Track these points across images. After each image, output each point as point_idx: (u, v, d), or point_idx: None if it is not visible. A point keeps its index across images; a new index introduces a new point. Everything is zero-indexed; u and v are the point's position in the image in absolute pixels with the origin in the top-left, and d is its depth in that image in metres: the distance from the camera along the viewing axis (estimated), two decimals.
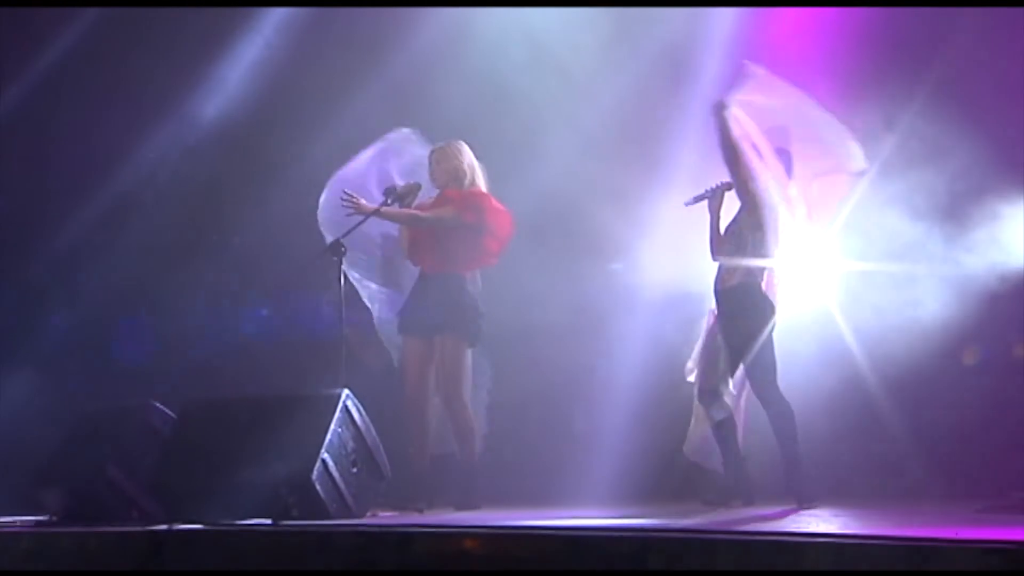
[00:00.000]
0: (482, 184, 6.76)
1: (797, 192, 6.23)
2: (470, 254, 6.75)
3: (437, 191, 6.80)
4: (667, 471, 7.11)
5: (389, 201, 6.66)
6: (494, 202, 6.76)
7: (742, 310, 6.12)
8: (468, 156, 6.77)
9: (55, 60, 8.19)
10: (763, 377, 6.05)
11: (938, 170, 6.85)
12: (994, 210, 6.74)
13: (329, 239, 6.53)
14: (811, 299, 6.88)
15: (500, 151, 7.32)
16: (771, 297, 6.18)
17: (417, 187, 6.76)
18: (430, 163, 6.77)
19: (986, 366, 6.85)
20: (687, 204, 6.42)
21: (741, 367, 6.16)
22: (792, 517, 5.39)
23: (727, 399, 6.24)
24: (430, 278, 6.73)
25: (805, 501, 5.88)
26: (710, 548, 3.98)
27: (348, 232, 6.62)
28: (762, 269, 6.16)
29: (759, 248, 6.16)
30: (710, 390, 6.21)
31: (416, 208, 6.75)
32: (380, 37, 7.99)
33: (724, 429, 6.21)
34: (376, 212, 6.60)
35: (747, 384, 6.21)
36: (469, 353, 6.70)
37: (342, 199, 6.56)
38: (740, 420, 6.34)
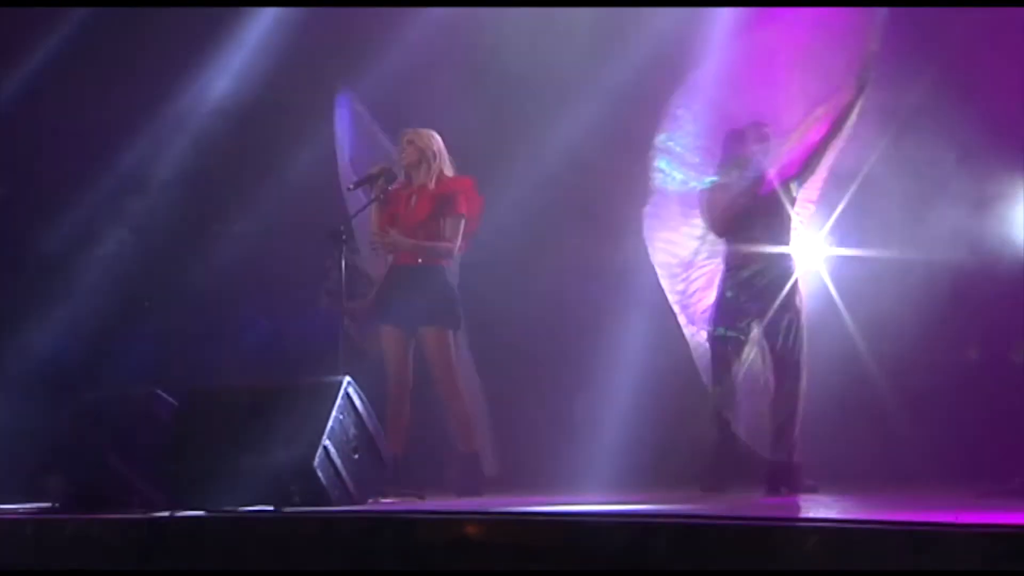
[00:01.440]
0: (450, 170, 6.75)
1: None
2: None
3: (402, 173, 6.77)
4: (668, 458, 7.13)
5: (372, 189, 6.65)
6: (476, 191, 6.77)
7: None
8: (438, 142, 6.75)
9: (51, 51, 8.17)
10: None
11: (939, 160, 6.84)
12: (998, 201, 6.73)
13: None
14: (811, 287, 6.88)
15: (502, 145, 7.33)
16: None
17: (388, 169, 6.74)
18: (400, 144, 6.76)
19: (988, 352, 6.86)
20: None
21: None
22: (793, 502, 5.40)
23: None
24: (408, 269, 6.70)
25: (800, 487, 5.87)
26: (710, 533, 3.99)
27: (350, 219, 6.66)
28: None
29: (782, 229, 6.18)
30: None
31: (389, 192, 6.72)
32: (380, 28, 7.97)
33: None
34: (394, 243, 6.62)
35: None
36: (452, 338, 6.70)
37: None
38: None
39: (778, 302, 6.18)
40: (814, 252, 6.82)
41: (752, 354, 6.30)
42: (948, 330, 6.93)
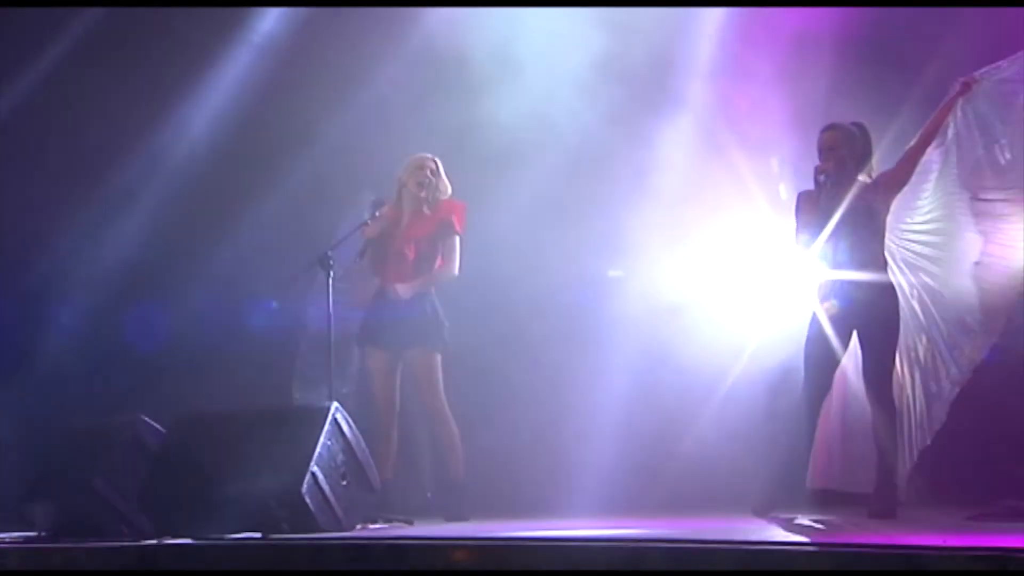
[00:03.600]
0: (446, 196, 6.79)
1: None
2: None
3: (401, 196, 6.77)
4: (658, 481, 7.12)
5: (377, 214, 6.70)
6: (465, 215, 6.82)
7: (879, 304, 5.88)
8: (440, 169, 6.82)
9: (53, 58, 8.17)
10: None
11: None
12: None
13: None
14: (799, 302, 6.88)
15: (492, 157, 7.34)
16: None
17: (380, 201, 6.79)
18: (408, 169, 6.78)
19: (976, 373, 6.86)
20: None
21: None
22: (781, 525, 5.39)
23: None
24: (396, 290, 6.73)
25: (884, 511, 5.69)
26: (701, 557, 3.99)
27: (336, 244, 6.67)
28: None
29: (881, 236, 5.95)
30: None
31: (377, 218, 6.74)
32: (372, 44, 7.98)
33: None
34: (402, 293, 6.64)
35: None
36: (440, 361, 6.71)
37: None
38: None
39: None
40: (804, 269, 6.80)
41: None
42: None
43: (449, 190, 6.82)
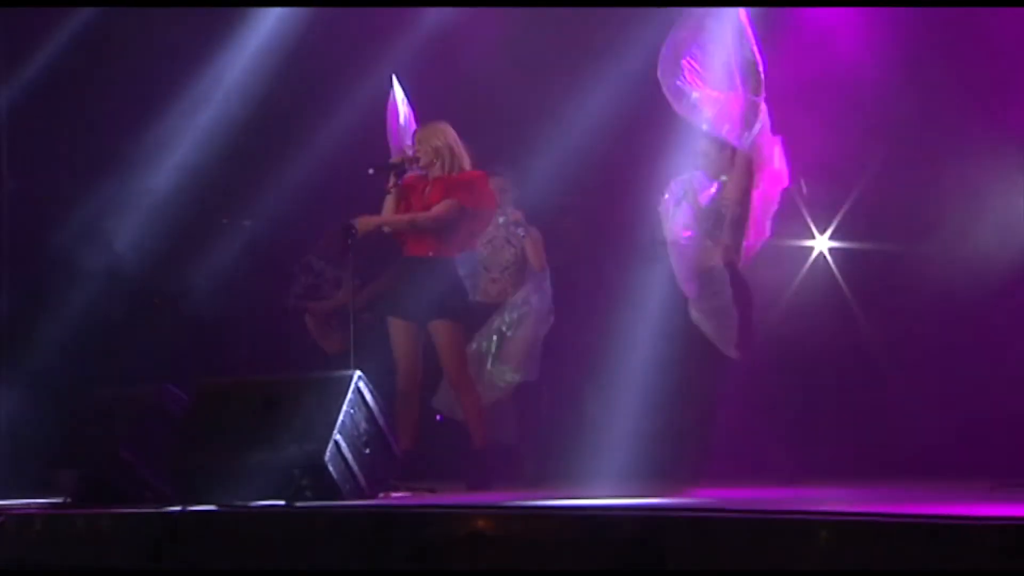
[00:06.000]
0: (466, 163, 6.72)
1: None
2: (461, 237, 6.73)
3: (420, 170, 6.72)
4: (681, 452, 7.10)
5: (391, 178, 6.66)
6: (489, 184, 6.75)
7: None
8: (452, 136, 6.71)
9: (63, 46, 8.18)
10: None
11: (947, 152, 6.83)
12: (998, 195, 6.72)
13: None
14: (822, 275, 6.87)
15: (515, 134, 7.32)
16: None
17: (411, 160, 6.71)
18: (414, 142, 6.71)
19: (1001, 343, 6.83)
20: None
21: None
22: (805, 495, 5.38)
23: None
24: (417, 261, 6.69)
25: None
26: (724, 527, 3.98)
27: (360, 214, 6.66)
28: (740, 247, 5.99)
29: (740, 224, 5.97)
30: None
31: (403, 183, 6.70)
32: (392, 21, 7.97)
33: None
34: (379, 224, 6.61)
35: None
36: (463, 330, 6.68)
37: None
38: None
39: None
40: (821, 245, 6.79)
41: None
42: (959, 323, 6.90)
43: (454, 157, 6.68)
